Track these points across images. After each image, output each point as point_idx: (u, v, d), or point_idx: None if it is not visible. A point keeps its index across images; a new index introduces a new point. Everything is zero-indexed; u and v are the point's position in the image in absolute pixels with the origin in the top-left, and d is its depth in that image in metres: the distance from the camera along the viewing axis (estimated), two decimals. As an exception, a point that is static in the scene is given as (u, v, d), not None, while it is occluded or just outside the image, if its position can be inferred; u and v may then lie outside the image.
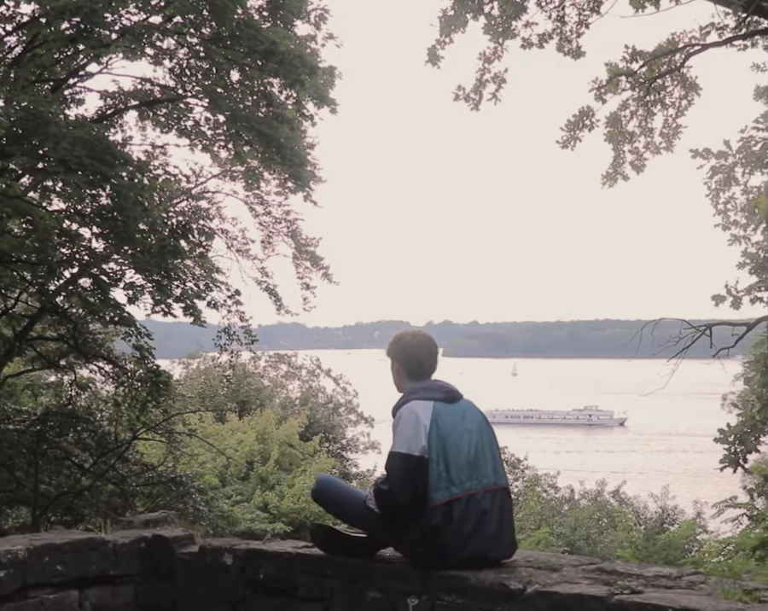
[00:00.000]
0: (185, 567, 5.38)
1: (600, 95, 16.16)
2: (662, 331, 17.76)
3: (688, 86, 16.52)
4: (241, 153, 16.28)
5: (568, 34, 15.93)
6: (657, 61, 15.85)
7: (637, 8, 15.51)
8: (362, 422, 41.98)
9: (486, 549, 4.69)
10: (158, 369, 15.42)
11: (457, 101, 15.18)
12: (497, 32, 15.23)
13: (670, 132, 17.03)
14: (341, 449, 35.95)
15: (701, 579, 4.27)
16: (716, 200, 17.54)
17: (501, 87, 15.11)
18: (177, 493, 18.47)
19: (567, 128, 16.19)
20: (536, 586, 4.22)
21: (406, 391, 5.07)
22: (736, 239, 17.71)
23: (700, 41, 15.50)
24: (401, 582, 4.67)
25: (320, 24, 16.02)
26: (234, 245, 20.78)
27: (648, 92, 16.34)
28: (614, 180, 17.21)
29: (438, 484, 4.69)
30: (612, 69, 16.39)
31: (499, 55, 14.94)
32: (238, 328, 18.58)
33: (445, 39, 14.66)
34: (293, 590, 5.01)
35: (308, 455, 30.22)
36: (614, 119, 16.75)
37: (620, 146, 17.02)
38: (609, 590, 4.08)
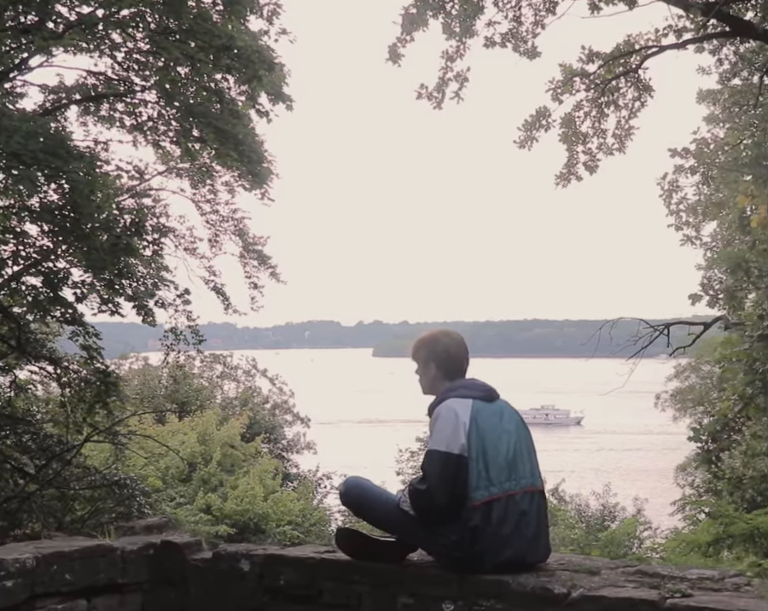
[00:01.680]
0: (198, 574, 5.19)
1: (556, 95, 16.22)
2: (594, 330, 17.88)
3: (641, 88, 16.66)
4: (191, 149, 16.00)
5: (524, 34, 15.94)
6: (614, 62, 15.96)
7: (593, 10, 15.60)
8: (298, 423, 41.76)
9: (525, 552, 4.59)
10: (106, 369, 15.07)
11: (420, 99, 15.12)
12: (456, 32, 15.21)
13: (622, 133, 17.17)
14: (282, 450, 35.68)
15: (745, 581, 4.21)
16: (668, 201, 17.73)
17: (463, 86, 15.07)
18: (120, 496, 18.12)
19: (525, 128, 16.22)
20: (581, 590, 4.11)
21: (444, 389, 4.94)
22: (688, 239, 17.93)
23: (656, 43, 15.64)
24: (436, 587, 4.54)
25: (273, 19, 15.83)
26: (181, 244, 20.47)
27: (603, 93, 16.44)
28: (568, 180, 17.29)
29: (477, 483, 4.57)
30: (566, 70, 16.46)
31: (461, 53, 14.90)
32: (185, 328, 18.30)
33: (406, 37, 14.58)
34: (316, 596, 4.85)
35: (250, 456, 29.93)
36: (569, 120, 16.82)
37: (574, 146, 17.10)
38: (660, 594, 3.99)
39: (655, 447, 77.41)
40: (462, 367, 5.06)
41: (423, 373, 5.13)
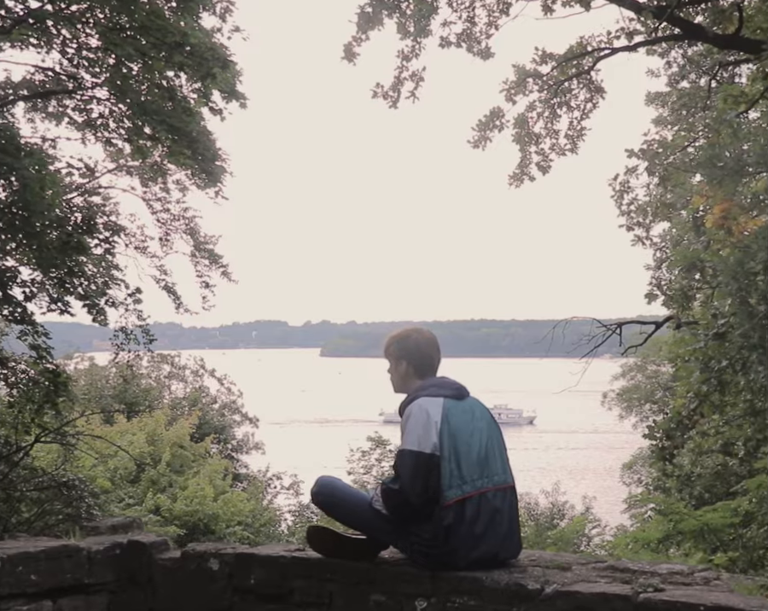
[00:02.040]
0: (165, 574, 5.14)
1: (510, 96, 16.31)
2: (540, 330, 18.01)
3: (593, 89, 16.81)
4: (143, 147, 15.86)
5: (478, 35, 16.01)
6: (567, 63, 16.08)
7: (546, 12, 15.72)
8: (246, 423, 41.57)
9: (497, 549, 4.61)
10: (56, 369, 14.88)
11: (376, 98, 15.11)
12: (410, 32, 15.23)
13: (574, 134, 17.30)
14: (232, 450, 35.48)
15: (714, 575, 4.26)
16: (620, 202, 17.92)
17: (419, 85, 15.09)
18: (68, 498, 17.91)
19: (478, 128, 16.28)
20: (554, 586, 4.13)
21: (414, 388, 4.94)
22: (639, 239, 18.14)
23: (609, 45, 15.79)
24: (409, 584, 4.54)
25: (226, 16, 15.74)
26: (132, 242, 20.29)
27: (556, 94, 16.56)
28: (521, 180, 17.38)
29: (450, 482, 4.58)
30: (519, 71, 16.56)
31: (417, 53, 14.91)
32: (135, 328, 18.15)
33: (361, 36, 14.56)
34: (287, 595, 4.83)
35: (200, 456, 29.71)
36: (522, 121, 16.91)
37: (527, 147, 17.20)
38: (632, 589, 4.02)
39: (602, 446, 78.23)
40: (434, 364, 5.07)
41: (394, 370, 5.13)
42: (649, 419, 45.39)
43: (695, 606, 3.74)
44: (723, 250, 9.68)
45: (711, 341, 9.09)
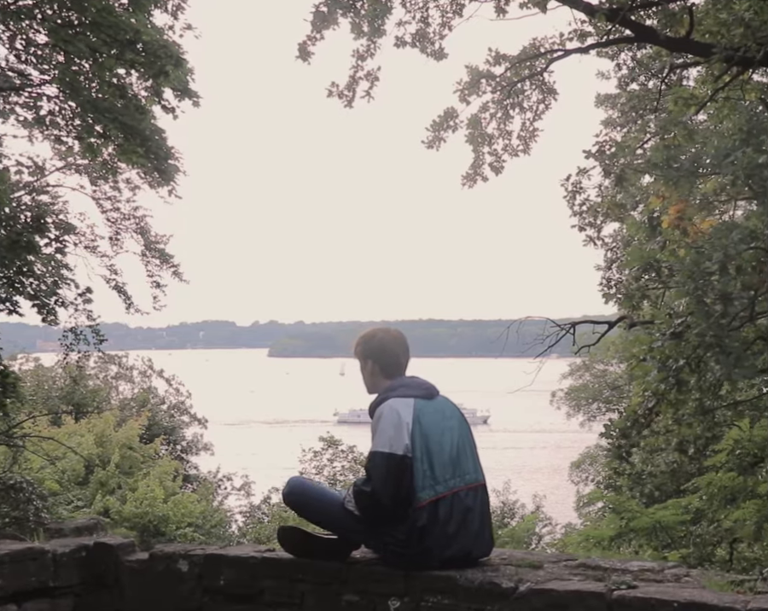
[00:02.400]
0: (133, 576, 5.09)
1: (463, 96, 16.33)
2: (488, 330, 18.07)
3: (546, 90, 16.90)
4: (93, 145, 15.69)
5: (431, 36, 16.03)
6: (520, 64, 16.16)
7: (499, 13, 15.79)
8: (195, 424, 41.32)
9: (470, 547, 4.63)
10: (5, 370, 14.68)
11: (331, 97, 15.06)
12: (365, 31, 15.22)
13: (527, 135, 17.38)
14: (182, 451, 35.24)
15: (684, 572, 4.31)
16: (572, 202, 18.00)
17: (374, 85, 15.07)
18: (16, 500, 17.68)
19: (432, 129, 16.30)
20: (528, 584, 4.15)
21: (384, 388, 4.93)
22: (590, 240, 18.27)
23: (561, 47, 15.90)
24: (381, 584, 4.54)
25: (177, 14, 15.63)
26: (81, 241, 20.09)
27: (509, 95, 16.63)
28: (474, 181, 17.41)
29: (423, 483, 4.58)
30: (472, 71, 16.60)
31: (372, 52, 14.89)
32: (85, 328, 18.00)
33: (316, 35, 14.51)
34: (257, 595, 4.81)
35: (149, 458, 29.51)
36: (475, 121, 16.94)
37: (480, 147, 17.24)
38: (606, 586, 4.05)
39: (550, 445, 78.81)
40: (400, 363, 5.05)
41: (362, 369, 5.13)
42: (596, 418, 45.86)
43: (668, 602, 3.78)
44: (678, 250, 9.80)
45: (668, 341, 9.20)
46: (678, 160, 8.93)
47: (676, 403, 9.65)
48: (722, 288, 8.43)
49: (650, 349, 9.81)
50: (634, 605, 3.88)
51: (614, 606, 3.95)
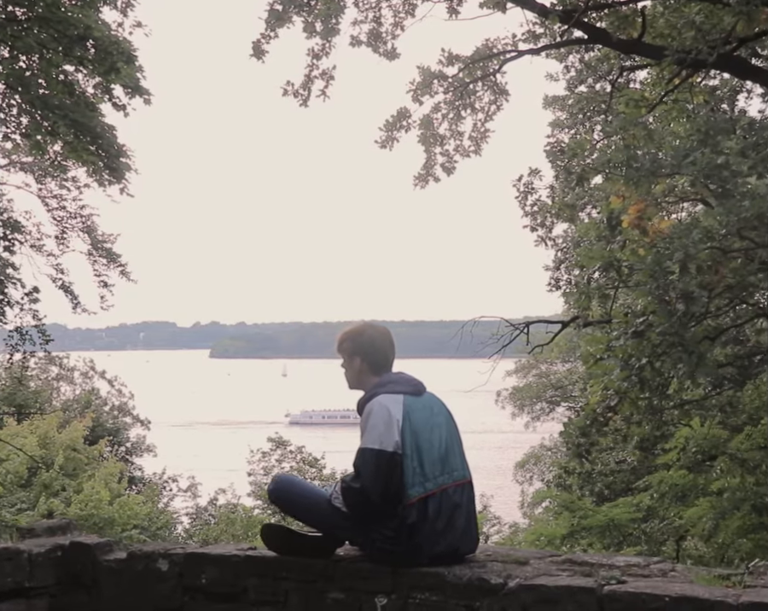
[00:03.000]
0: (111, 576, 5.00)
1: (416, 97, 16.35)
2: (429, 331, 18.09)
3: (498, 91, 16.97)
4: (41, 143, 15.48)
5: (384, 35, 16.03)
6: (474, 65, 16.21)
7: (452, 14, 15.83)
8: (138, 425, 40.95)
9: (458, 543, 4.61)
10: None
11: (286, 96, 15.00)
12: (317, 31, 15.18)
13: (478, 136, 17.44)
14: (126, 453, 34.87)
15: (670, 567, 4.33)
16: (524, 203, 18.13)
17: (329, 84, 15.04)
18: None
19: (386, 128, 16.30)
20: (517, 580, 4.15)
21: (373, 384, 4.88)
22: (542, 240, 18.42)
23: (514, 48, 15.99)
24: (368, 581, 4.51)
25: (127, 10, 15.45)
26: (27, 240, 19.80)
27: (462, 96, 16.67)
28: (426, 181, 17.44)
29: (413, 480, 4.56)
30: (424, 72, 16.63)
31: (327, 51, 14.86)
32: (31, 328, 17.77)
33: (270, 33, 14.45)
34: (240, 594, 4.75)
35: (94, 459, 29.15)
36: (427, 122, 16.98)
37: (432, 148, 17.27)
38: (596, 582, 4.05)
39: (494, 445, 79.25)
40: (389, 360, 5.02)
41: (348, 366, 5.06)
42: (540, 418, 46.23)
43: (659, 597, 3.80)
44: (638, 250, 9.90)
45: (630, 339, 9.30)
46: (638, 160, 9.04)
47: (638, 401, 9.76)
48: (684, 287, 8.54)
49: (609, 348, 9.91)
50: (625, 600, 3.89)
51: (605, 601, 3.95)
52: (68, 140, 15.00)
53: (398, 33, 16.12)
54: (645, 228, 9.51)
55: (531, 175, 17.85)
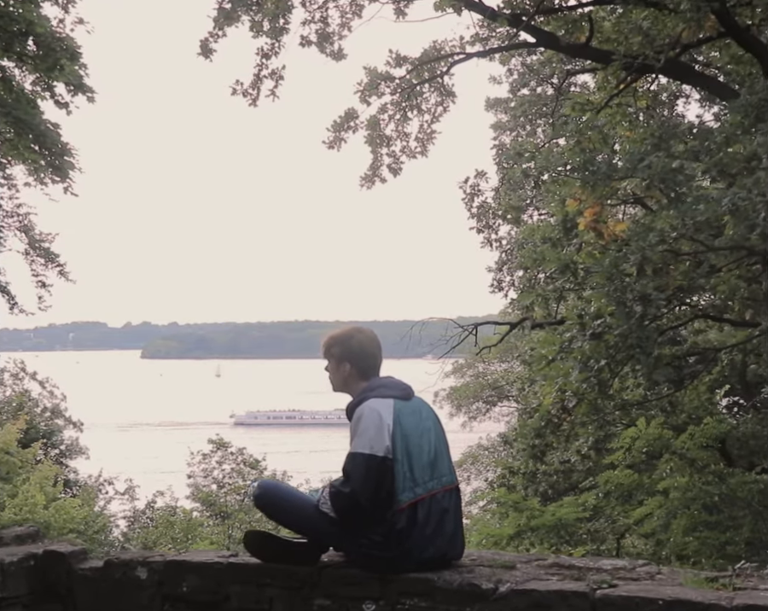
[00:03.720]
0: (87, 585, 4.88)
1: (364, 97, 16.36)
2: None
3: (444, 93, 17.05)
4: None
5: (331, 36, 16.00)
6: (422, 67, 16.26)
7: (399, 15, 15.87)
8: (71, 427, 40.29)
9: (446, 549, 4.60)
10: None
11: (235, 95, 14.91)
12: (264, 30, 15.11)
13: (425, 137, 17.52)
14: (61, 455, 34.29)
15: (656, 570, 4.35)
16: (470, 204, 18.24)
17: (279, 84, 14.98)
18: None
19: (333, 129, 16.29)
20: (508, 585, 4.14)
21: (362, 388, 4.84)
22: (488, 241, 18.54)
23: (462, 50, 16.07)
24: (355, 587, 4.46)
25: (69, 7, 15.23)
26: (-39, 239, 19.42)
27: (409, 97, 16.72)
28: (372, 182, 17.47)
29: (403, 485, 4.53)
30: (371, 73, 16.63)
31: (276, 51, 14.79)
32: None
33: (218, 32, 14.35)
34: (223, 602, 4.67)
35: (28, 463, 28.59)
36: (374, 123, 17.00)
37: (378, 149, 17.31)
38: (588, 586, 4.06)
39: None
40: (377, 364, 4.99)
41: (335, 370, 5.01)
42: (477, 418, 46.44)
43: (653, 600, 3.81)
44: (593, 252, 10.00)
45: (588, 341, 9.38)
46: (595, 163, 9.13)
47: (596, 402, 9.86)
48: (641, 290, 8.64)
49: (562, 349, 9.99)
50: (618, 604, 3.90)
51: (598, 605, 3.96)
52: (9, 138, 14.77)
53: (345, 34, 16.13)
54: (601, 230, 9.61)
55: (477, 177, 17.98)
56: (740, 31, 12.76)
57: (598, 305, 10.07)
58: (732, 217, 8.26)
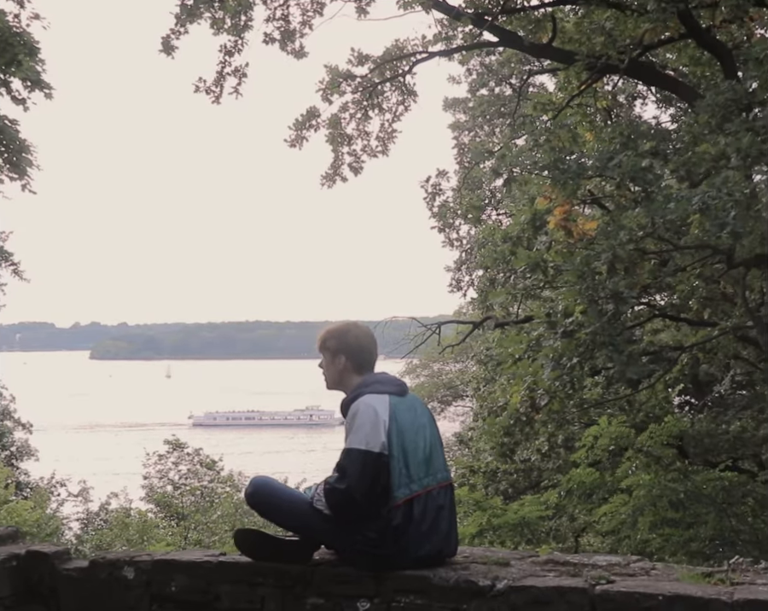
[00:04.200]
0: (72, 585, 4.77)
1: (326, 96, 16.30)
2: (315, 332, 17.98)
3: (406, 92, 17.02)
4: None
5: (293, 34, 15.93)
6: (385, 65, 16.23)
7: (360, 14, 15.83)
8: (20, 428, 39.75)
9: (441, 546, 4.56)
10: None
11: (198, 93, 14.77)
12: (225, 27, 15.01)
13: (386, 136, 17.49)
14: (12, 457, 33.80)
15: (650, 566, 4.34)
16: (431, 204, 18.23)
17: (242, 81, 14.86)
18: None
19: (295, 127, 16.21)
20: (506, 581, 4.11)
21: (357, 384, 4.79)
22: (449, 241, 18.55)
23: (424, 49, 16.06)
24: (349, 585, 4.40)
25: (24, 1, 15.01)
26: None
27: (371, 96, 16.68)
28: (333, 181, 17.41)
29: (399, 481, 4.49)
30: (332, 71, 16.58)
31: (240, 48, 14.69)
32: None
33: (180, 29, 14.21)
34: (213, 601, 4.58)
35: (-23, 465, 28.18)
36: (335, 121, 16.94)
37: (340, 147, 17.25)
38: (587, 581, 4.05)
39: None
40: (372, 360, 4.94)
41: (330, 365, 4.95)
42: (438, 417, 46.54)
43: (653, 596, 3.80)
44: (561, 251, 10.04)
45: (560, 339, 9.41)
46: (565, 161, 9.16)
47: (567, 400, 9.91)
48: (613, 288, 8.68)
49: (530, 347, 10.02)
50: (617, 600, 3.88)
51: (597, 601, 3.93)
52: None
53: (307, 32, 16.06)
54: (570, 229, 9.65)
55: (439, 176, 17.99)
56: (701, 32, 12.90)
57: (566, 303, 10.11)
58: (702, 215, 8.33)
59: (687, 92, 13.69)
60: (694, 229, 9.87)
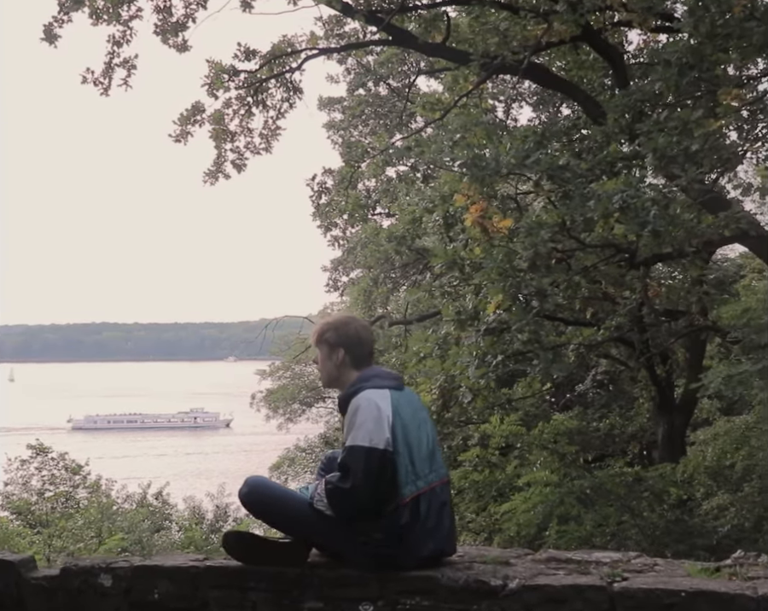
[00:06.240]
0: (41, 595, 4.40)
1: (212, 91, 15.93)
2: (164, 333, 17.71)
3: (291, 89, 16.80)
4: None
5: (176, 27, 15.54)
6: (274, 61, 15.98)
7: (246, 8, 15.55)
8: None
9: (444, 544, 4.42)
10: None
11: (86, 84, 14.21)
12: (105, 17, 14.53)
13: (269, 133, 17.24)
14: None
15: (651, 562, 4.28)
16: (317, 202, 18.04)
17: (131, 73, 14.38)
18: None
19: (180, 122, 15.80)
20: (518, 580, 3.98)
21: (354, 379, 4.58)
22: (335, 240, 18.40)
23: (314, 46, 15.88)
24: (350, 588, 4.20)
25: None
26: None
27: (256, 92, 16.40)
28: (216, 178, 17.04)
29: (406, 478, 4.32)
30: (215, 66, 16.25)
31: (128, 39, 14.21)
32: None
33: (63, 17, 13.65)
34: (200, 608, 4.32)
35: None
36: (218, 117, 16.61)
37: (223, 144, 16.92)
38: (604, 579, 3.95)
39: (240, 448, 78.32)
40: (371, 354, 4.75)
41: (327, 359, 4.71)
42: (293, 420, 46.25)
43: (675, 592, 3.72)
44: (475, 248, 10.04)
45: (483, 337, 9.39)
46: (483, 158, 9.15)
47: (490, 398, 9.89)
48: (537, 285, 8.71)
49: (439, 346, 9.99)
50: (638, 596, 3.79)
51: (617, 598, 3.85)
52: None
53: (189, 25, 15.68)
54: (486, 226, 9.65)
55: (324, 174, 17.82)
56: (594, 35, 13.14)
57: (474, 301, 10.14)
58: (623, 214, 8.44)
59: (580, 95, 13.92)
60: (599, 229, 10.00)
